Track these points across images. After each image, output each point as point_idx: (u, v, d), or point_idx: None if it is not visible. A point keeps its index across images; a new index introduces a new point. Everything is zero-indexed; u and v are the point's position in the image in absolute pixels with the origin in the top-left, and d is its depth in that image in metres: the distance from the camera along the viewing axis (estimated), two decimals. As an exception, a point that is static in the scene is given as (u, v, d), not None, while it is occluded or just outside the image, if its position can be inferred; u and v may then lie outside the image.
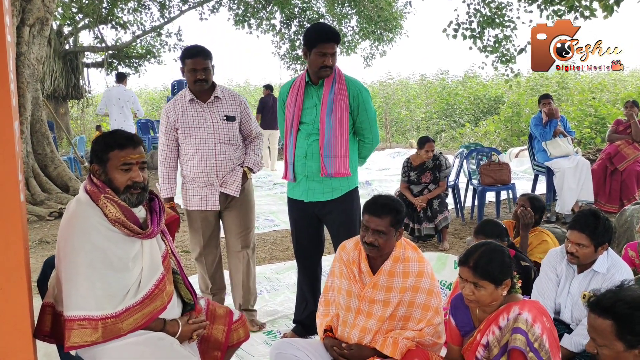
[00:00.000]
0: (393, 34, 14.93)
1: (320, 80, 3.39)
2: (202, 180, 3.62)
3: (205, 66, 3.53)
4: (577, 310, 3.00)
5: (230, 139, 3.62)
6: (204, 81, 3.53)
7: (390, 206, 2.67)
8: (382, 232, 2.62)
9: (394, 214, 2.65)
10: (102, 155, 2.28)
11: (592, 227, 2.91)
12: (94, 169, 2.30)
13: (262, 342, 3.68)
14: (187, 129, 3.59)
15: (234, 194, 3.63)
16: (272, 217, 7.12)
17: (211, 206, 3.65)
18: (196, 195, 3.67)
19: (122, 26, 15.25)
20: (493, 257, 2.36)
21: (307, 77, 3.40)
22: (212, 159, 3.57)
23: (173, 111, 3.62)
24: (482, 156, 7.21)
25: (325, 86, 3.38)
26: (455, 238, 6.07)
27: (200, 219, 3.71)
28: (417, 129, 17.63)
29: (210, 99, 3.61)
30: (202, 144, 3.57)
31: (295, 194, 3.55)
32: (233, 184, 3.62)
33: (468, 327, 2.54)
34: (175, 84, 13.05)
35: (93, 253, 2.17)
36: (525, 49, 8.96)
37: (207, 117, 3.59)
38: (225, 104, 3.65)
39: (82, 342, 2.13)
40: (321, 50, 3.26)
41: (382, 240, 2.63)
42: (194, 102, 3.61)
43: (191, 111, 3.60)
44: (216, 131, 3.58)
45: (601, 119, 11.08)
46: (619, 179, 6.61)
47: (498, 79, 16.51)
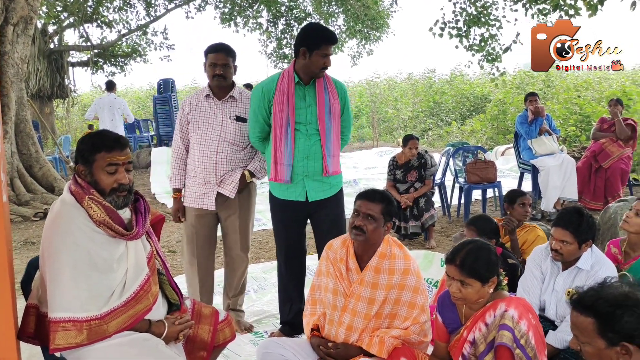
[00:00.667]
0: (380, 33, 14.97)
1: (311, 80, 3.39)
2: (201, 176, 3.60)
3: (226, 62, 3.55)
4: (562, 307, 3.03)
5: (236, 139, 3.61)
6: (221, 77, 3.55)
7: (384, 195, 2.75)
8: (373, 217, 2.66)
9: (386, 203, 2.71)
10: (89, 156, 2.26)
11: (575, 225, 2.93)
12: (79, 169, 2.28)
13: (249, 342, 3.67)
14: (196, 123, 3.61)
15: (229, 195, 3.60)
16: (259, 217, 7.08)
17: (207, 205, 3.62)
18: (194, 192, 3.65)
19: (107, 25, 15.13)
20: (479, 255, 2.38)
21: (296, 76, 3.38)
22: (212, 155, 3.56)
23: (188, 104, 3.66)
24: (468, 154, 7.25)
25: (318, 87, 3.39)
26: (442, 236, 6.10)
27: (196, 217, 3.68)
28: (404, 127, 17.67)
29: (226, 98, 3.62)
30: (207, 139, 3.57)
31: (290, 195, 3.49)
32: (230, 185, 3.59)
33: (455, 324, 2.55)
34: (161, 83, 13.00)
35: (77, 254, 2.16)
36: (511, 48, 9.02)
37: (218, 114, 3.60)
38: (240, 105, 3.65)
39: (67, 344, 2.11)
40: (324, 52, 3.28)
41: (370, 226, 2.66)
42: (209, 98, 3.63)
43: (204, 106, 3.62)
44: (223, 129, 3.58)
45: (586, 117, 11.17)
46: (604, 176, 6.68)
47: (484, 78, 16.60)
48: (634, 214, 3.35)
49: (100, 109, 10.56)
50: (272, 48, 15.59)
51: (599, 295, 1.75)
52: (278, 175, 3.43)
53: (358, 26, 14.43)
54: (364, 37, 15.16)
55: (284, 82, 3.38)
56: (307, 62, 3.30)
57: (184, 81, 24.57)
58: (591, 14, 7.57)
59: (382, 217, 2.68)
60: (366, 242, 2.71)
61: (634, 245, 3.39)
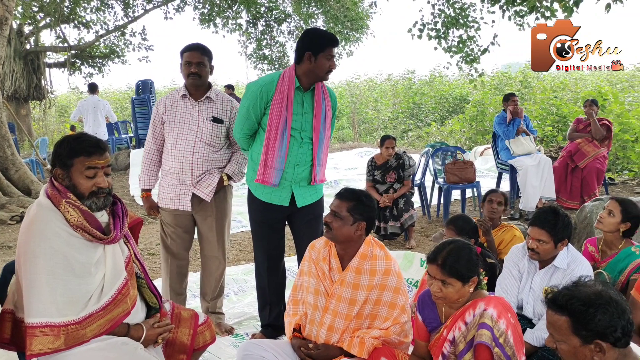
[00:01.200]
0: (359, 34, 15.02)
1: (310, 86, 3.38)
2: (176, 177, 3.58)
3: (200, 61, 3.54)
4: (539, 305, 3.06)
5: (212, 140, 3.60)
6: (196, 75, 3.53)
7: (354, 194, 2.73)
8: (338, 215, 2.68)
9: (355, 201, 2.69)
10: (67, 160, 2.23)
11: (551, 224, 2.98)
12: (57, 173, 2.25)
13: (230, 345, 3.65)
14: (172, 123, 3.59)
15: (205, 198, 3.58)
16: (239, 218, 7.06)
17: (183, 206, 3.60)
18: (170, 193, 3.63)
19: (84, 25, 14.96)
20: (460, 255, 2.40)
21: (297, 81, 3.34)
22: (189, 155, 3.55)
23: (163, 104, 3.63)
24: (447, 155, 7.31)
25: (316, 95, 3.40)
26: (422, 236, 6.14)
27: (172, 219, 3.67)
28: (384, 128, 17.75)
29: (202, 98, 3.61)
30: (182, 139, 3.55)
31: (273, 198, 3.45)
32: (207, 188, 3.58)
33: (435, 324, 2.57)
34: (140, 84, 12.89)
35: (54, 259, 2.13)
36: (489, 49, 9.12)
37: (194, 114, 3.58)
38: (216, 106, 3.64)
39: (44, 349, 2.09)
40: (329, 54, 3.28)
41: (336, 223, 2.67)
42: (185, 98, 3.61)
43: (180, 106, 3.60)
44: (199, 129, 3.56)
45: (562, 118, 11.33)
46: (580, 176, 6.78)
47: (463, 79, 16.76)
48: (607, 213, 3.41)
49: (85, 110, 10.99)
50: (251, 49, 15.57)
51: (572, 295, 1.78)
52: (266, 177, 3.37)
53: (338, 27, 14.45)
54: (343, 38, 15.18)
55: (284, 85, 3.32)
56: (313, 66, 3.28)
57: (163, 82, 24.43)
58: (567, 16, 7.68)
59: (350, 215, 2.67)
60: (334, 239, 2.72)
61: (610, 243, 3.45)
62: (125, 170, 10.91)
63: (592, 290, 1.77)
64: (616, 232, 3.39)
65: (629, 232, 3.39)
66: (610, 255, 3.42)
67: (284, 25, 15.35)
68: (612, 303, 1.73)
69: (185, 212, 3.64)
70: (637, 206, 3.43)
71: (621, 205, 3.38)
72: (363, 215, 2.69)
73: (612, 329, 1.71)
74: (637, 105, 10.91)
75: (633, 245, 3.38)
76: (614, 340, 1.72)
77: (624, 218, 3.35)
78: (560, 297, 1.80)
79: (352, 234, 2.69)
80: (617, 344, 1.72)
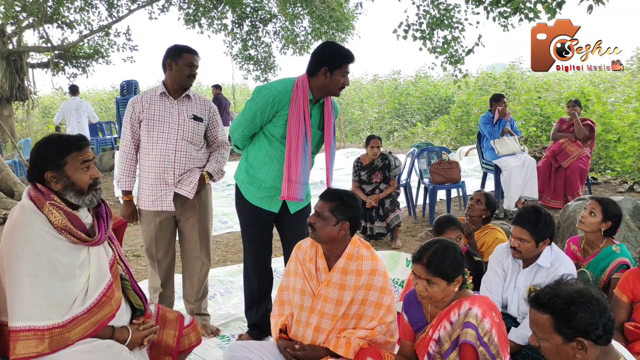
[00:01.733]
0: (345, 35, 15.02)
1: (320, 99, 3.39)
2: (158, 177, 3.53)
3: (198, 64, 3.61)
4: (523, 304, 3.09)
5: (194, 138, 3.60)
6: (193, 77, 3.59)
7: (336, 194, 2.74)
8: (321, 216, 2.69)
9: (337, 201, 2.70)
10: (58, 160, 2.21)
11: (533, 223, 3.02)
12: (48, 176, 2.22)
13: (216, 346, 3.64)
14: (151, 121, 3.54)
15: (187, 196, 3.55)
16: (225, 219, 7.05)
17: (166, 207, 3.57)
18: (151, 195, 3.58)
19: (68, 25, 14.79)
20: (446, 255, 2.41)
21: (310, 94, 3.32)
22: (171, 154, 3.52)
23: (140, 102, 3.58)
24: (432, 155, 7.34)
25: (325, 107, 3.42)
26: (408, 236, 6.16)
27: (155, 220, 3.62)
28: (370, 128, 17.81)
29: (182, 97, 3.60)
30: (164, 137, 3.52)
31: (264, 204, 3.44)
32: (188, 185, 3.55)
33: (420, 323, 2.58)
34: (124, 84, 12.79)
35: (38, 262, 2.12)
36: (473, 50, 9.18)
37: (174, 112, 3.56)
38: (195, 105, 3.65)
39: (28, 353, 2.07)
40: (345, 71, 3.28)
41: (319, 223, 2.69)
42: (164, 96, 3.58)
43: (159, 104, 3.57)
44: (181, 128, 3.55)
45: (546, 118, 11.43)
46: (563, 175, 6.84)
47: (448, 79, 16.85)
48: (588, 213, 3.45)
49: (68, 112, 11.49)
50: (237, 49, 15.50)
51: (554, 293, 1.80)
52: (291, 193, 3.33)
53: (323, 28, 14.45)
54: (329, 38, 15.19)
55: (299, 96, 3.28)
56: (328, 82, 3.27)
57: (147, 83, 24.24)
58: (550, 17, 7.75)
59: (332, 215, 2.68)
60: (318, 240, 2.74)
61: (592, 243, 3.49)
62: (110, 172, 10.84)
63: (573, 288, 1.79)
64: (597, 231, 3.42)
65: (610, 231, 3.43)
66: (592, 254, 3.45)
67: (269, 25, 15.32)
68: (594, 301, 1.75)
69: (167, 213, 3.62)
70: (617, 205, 3.47)
71: (602, 204, 3.42)
72: (346, 215, 2.70)
73: (594, 326, 1.73)
74: (619, 105, 11.05)
75: (614, 244, 3.42)
76: (596, 338, 1.74)
77: (605, 217, 3.39)
78: (542, 296, 1.82)
79: (336, 234, 2.70)
80: (598, 342, 1.74)
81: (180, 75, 3.55)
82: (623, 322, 2.99)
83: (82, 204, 2.27)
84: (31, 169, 2.26)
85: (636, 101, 10.27)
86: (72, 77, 15.55)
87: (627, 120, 9.39)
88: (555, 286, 1.82)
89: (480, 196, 4.22)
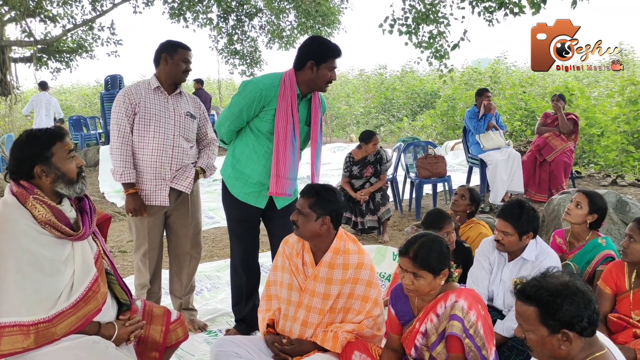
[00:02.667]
0: (331, 29, 14.98)
1: (307, 94, 3.37)
2: (155, 172, 3.50)
3: (191, 59, 3.59)
4: (509, 297, 3.12)
5: (189, 135, 3.60)
6: (188, 73, 3.59)
7: (313, 189, 2.75)
8: (301, 212, 2.70)
9: (315, 197, 2.70)
10: (46, 152, 2.21)
11: (516, 216, 3.05)
12: (38, 171, 2.20)
13: (203, 341, 3.64)
14: (147, 115, 3.48)
15: (185, 190, 3.56)
16: (212, 215, 7.03)
17: (161, 201, 3.54)
18: (145, 189, 3.54)
19: (51, 19, 14.58)
20: (432, 248, 2.42)
21: (298, 89, 3.30)
22: (169, 149, 3.50)
23: (135, 95, 3.48)
24: (419, 150, 7.37)
25: (312, 103, 3.40)
26: (395, 230, 6.19)
27: (147, 216, 3.58)
28: (356, 123, 17.82)
29: (176, 92, 3.59)
30: (161, 132, 3.49)
31: (250, 199, 3.42)
32: (185, 180, 3.56)
33: (407, 317, 2.59)
34: (109, 79, 12.68)
35: (22, 257, 2.10)
36: (459, 45, 9.21)
37: (170, 108, 3.54)
38: (187, 102, 3.65)
39: (14, 349, 2.06)
40: (331, 65, 3.26)
41: (300, 220, 2.70)
42: (159, 91, 3.54)
43: (154, 99, 3.53)
44: (177, 124, 3.54)
45: (531, 112, 11.52)
46: (548, 169, 6.90)
47: (434, 74, 16.91)
48: (574, 205, 3.48)
49: (37, 105, 12.16)
50: (223, 44, 15.41)
51: (540, 285, 1.82)
52: (279, 189, 3.32)
53: (309, 22, 14.41)
54: (315, 33, 15.15)
55: (287, 91, 3.26)
56: (314, 76, 3.25)
57: (132, 77, 24.05)
58: (534, 12, 7.80)
59: (312, 211, 2.69)
60: (302, 236, 2.75)
61: (577, 235, 3.53)
62: (95, 167, 10.74)
63: (559, 281, 1.81)
64: (583, 223, 3.46)
65: (596, 223, 3.47)
66: (578, 247, 3.49)
67: (255, 19, 15.22)
68: (579, 293, 1.77)
69: (160, 208, 3.60)
70: (603, 198, 3.51)
71: (588, 197, 3.46)
72: (325, 210, 2.69)
73: (579, 318, 1.75)
74: (602, 100, 11.16)
75: (600, 237, 3.47)
76: (581, 330, 1.76)
77: (591, 210, 3.43)
78: (528, 288, 1.83)
79: (318, 229, 2.70)
80: (583, 333, 1.77)
81: (176, 71, 3.53)
82: (607, 313, 3.03)
83: (72, 193, 2.28)
84: (18, 167, 2.22)
85: (619, 95, 10.39)
86: (55, 71, 15.36)
87: (611, 115, 9.50)
88: (542, 279, 1.83)
89: (464, 191, 4.24)
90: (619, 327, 2.97)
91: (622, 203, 4.92)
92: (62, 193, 2.26)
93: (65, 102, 20.76)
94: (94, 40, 15.38)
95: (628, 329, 2.95)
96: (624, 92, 10.17)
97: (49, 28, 14.74)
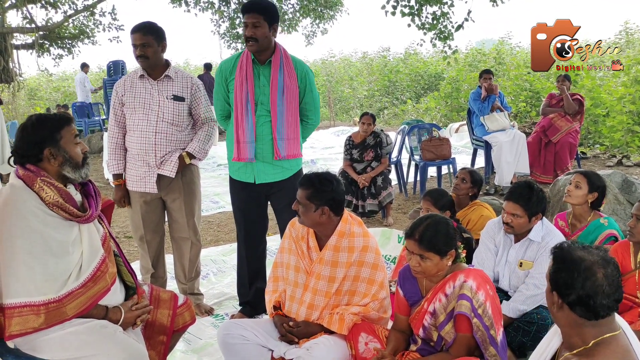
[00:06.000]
0: (334, 12, 14.87)
1: (267, 59, 3.35)
2: (141, 158, 3.53)
3: (145, 42, 3.44)
4: (515, 278, 3.13)
5: (175, 119, 3.54)
6: (143, 57, 3.46)
7: (309, 181, 2.71)
8: (300, 203, 2.70)
9: (311, 189, 2.67)
10: (55, 134, 2.23)
11: (526, 198, 3.03)
12: (47, 153, 2.22)
13: (210, 325, 3.66)
14: (132, 104, 3.52)
15: (169, 175, 3.53)
16: (216, 199, 7.04)
17: (149, 188, 3.55)
18: (135, 175, 3.57)
19: (52, 5, 14.49)
20: (438, 230, 2.42)
21: (252, 55, 3.35)
22: (151, 136, 3.50)
23: (122, 86, 3.57)
24: (423, 132, 7.34)
25: (273, 66, 3.35)
26: (399, 213, 6.19)
27: (141, 201, 3.62)
28: (360, 106, 17.75)
29: (161, 77, 3.55)
30: (144, 120, 3.50)
31: (242, 176, 3.48)
32: (169, 165, 3.53)
33: (416, 297, 2.59)
34: (111, 65, 12.64)
35: (31, 238, 2.11)
36: (463, 26, 9.13)
37: (154, 94, 3.52)
38: (176, 84, 3.59)
39: (25, 329, 2.06)
40: (244, 21, 3.27)
41: (301, 210, 2.70)
42: (143, 78, 3.55)
43: (139, 87, 3.54)
44: (160, 109, 3.51)
45: (536, 93, 11.44)
46: (553, 150, 6.86)
47: (438, 56, 16.79)
48: (574, 186, 3.48)
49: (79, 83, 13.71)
50: (224, 28, 15.29)
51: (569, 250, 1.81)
52: (241, 154, 3.37)
53: (312, 5, 14.30)
54: (317, 15, 15.03)
55: (243, 59, 3.37)
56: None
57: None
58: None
59: (310, 202, 2.66)
60: (304, 224, 2.75)
61: (579, 216, 3.52)
62: (99, 153, 10.75)
63: (583, 253, 1.79)
64: (585, 203, 3.46)
65: (596, 203, 3.47)
66: (580, 228, 3.49)
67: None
68: (585, 272, 1.73)
69: (152, 195, 3.61)
70: (600, 177, 3.52)
71: (586, 177, 3.47)
72: (322, 201, 2.67)
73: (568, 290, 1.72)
74: (607, 80, 11.07)
75: (601, 217, 3.46)
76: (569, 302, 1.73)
77: (591, 189, 3.44)
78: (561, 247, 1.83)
79: (319, 219, 2.69)
80: (573, 309, 1.73)
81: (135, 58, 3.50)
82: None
83: (78, 178, 2.29)
84: (27, 149, 2.23)
85: (624, 75, 10.29)
86: (57, 58, 15.31)
87: (616, 95, 9.42)
88: (579, 247, 1.82)
89: (464, 174, 4.21)
90: (624, 307, 2.96)
91: (628, 183, 4.90)
92: (68, 177, 2.27)
93: (68, 88, 20.73)
94: (96, 26, 15.30)
95: (634, 308, 2.94)
96: (630, 71, 10.08)
97: (50, 14, 14.70)
